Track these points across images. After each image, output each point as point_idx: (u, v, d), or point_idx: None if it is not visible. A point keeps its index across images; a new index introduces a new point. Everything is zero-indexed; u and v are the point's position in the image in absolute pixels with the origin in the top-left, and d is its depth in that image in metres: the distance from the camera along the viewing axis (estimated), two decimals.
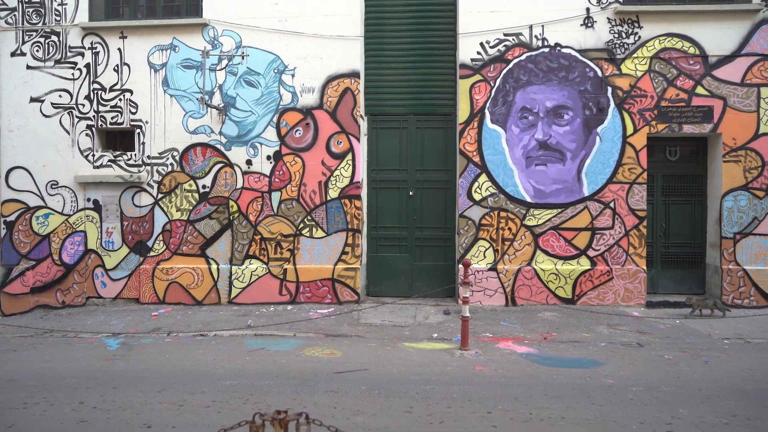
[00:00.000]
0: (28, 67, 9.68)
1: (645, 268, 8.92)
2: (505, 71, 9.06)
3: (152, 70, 9.55)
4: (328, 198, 9.29)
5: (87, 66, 9.63)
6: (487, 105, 9.08)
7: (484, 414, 4.49)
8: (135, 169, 9.58)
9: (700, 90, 8.87)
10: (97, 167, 9.64)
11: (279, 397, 4.89)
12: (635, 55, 8.94)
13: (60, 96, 9.67)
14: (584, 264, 8.97)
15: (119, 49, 9.59)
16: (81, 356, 6.48)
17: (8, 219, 9.63)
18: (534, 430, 4.18)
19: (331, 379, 5.43)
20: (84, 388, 5.20)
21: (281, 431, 1.85)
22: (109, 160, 9.63)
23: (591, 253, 8.98)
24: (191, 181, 9.49)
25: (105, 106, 9.62)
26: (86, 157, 9.65)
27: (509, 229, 9.06)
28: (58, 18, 9.66)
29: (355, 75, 9.27)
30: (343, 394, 4.98)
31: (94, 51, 9.63)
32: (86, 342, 7.23)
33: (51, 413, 4.56)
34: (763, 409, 4.59)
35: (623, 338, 7.15)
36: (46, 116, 9.67)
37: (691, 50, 8.88)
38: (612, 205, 8.95)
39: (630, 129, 8.94)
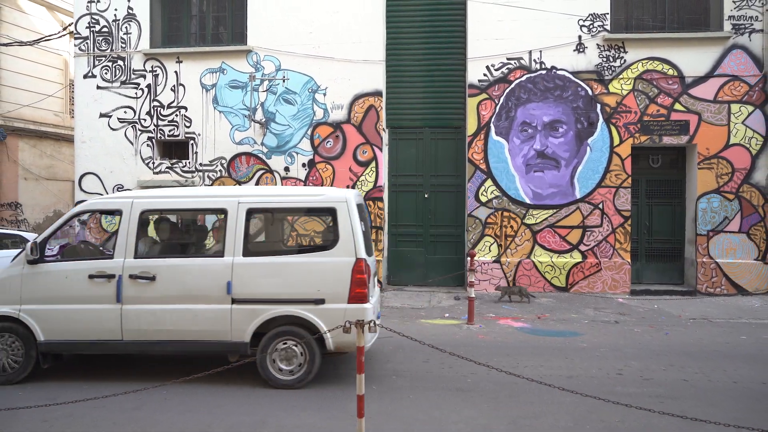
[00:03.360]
0: (98, 88, 11.33)
1: (629, 260, 10.29)
2: (507, 90, 10.49)
3: (204, 89, 11.14)
4: None
5: (148, 86, 11.25)
6: (492, 120, 10.51)
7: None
8: (189, 175, 11.17)
9: (678, 106, 10.22)
10: (157, 173, 11.25)
11: None
12: (621, 76, 10.31)
13: (125, 112, 11.30)
14: (576, 257, 10.36)
15: (176, 72, 11.19)
16: None
17: (82, 218, 11.28)
18: (519, 372, 5.61)
19: None
20: None
21: (360, 330, 3.33)
22: (167, 167, 11.23)
23: (582, 247, 10.36)
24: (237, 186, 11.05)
25: (163, 120, 11.23)
26: (147, 164, 11.27)
27: (511, 226, 10.48)
28: (123, 45, 11.30)
29: (378, 94, 10.76)
30: (375, 351, 6.47)
31: (154, 73, 11.25)
32: None
33: None
34: (695, 361, 6.00)
35: (605, 318, 8.55)
36: (113, 129, 11.31)
37: (670, 72, 10.23)
38: (601, 206, 10.32)
39: (616, 140, 10.31)
